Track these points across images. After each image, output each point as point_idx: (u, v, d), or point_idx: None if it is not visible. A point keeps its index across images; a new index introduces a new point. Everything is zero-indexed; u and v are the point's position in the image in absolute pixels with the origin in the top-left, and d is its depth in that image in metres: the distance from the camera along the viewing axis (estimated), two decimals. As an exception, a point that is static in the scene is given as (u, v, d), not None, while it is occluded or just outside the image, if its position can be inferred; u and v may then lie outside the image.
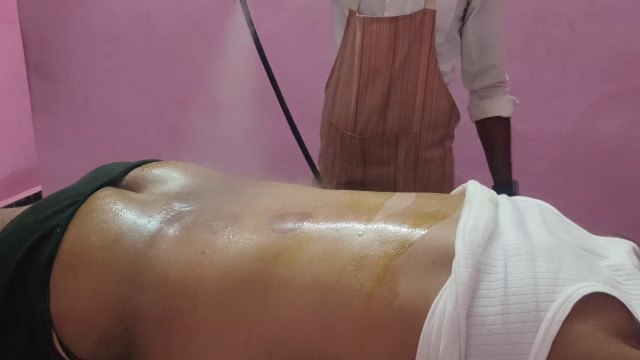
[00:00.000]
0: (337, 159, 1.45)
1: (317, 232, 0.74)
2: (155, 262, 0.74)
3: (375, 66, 1.32)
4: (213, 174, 0.98)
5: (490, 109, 1.40)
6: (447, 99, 1.35)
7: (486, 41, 1.35)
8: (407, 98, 1.32)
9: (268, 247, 0.73)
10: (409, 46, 1.29)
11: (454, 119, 1.40)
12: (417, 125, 1.34)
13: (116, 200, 0.82)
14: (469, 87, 1.43)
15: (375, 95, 1.33)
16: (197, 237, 0.76)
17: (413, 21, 1.28)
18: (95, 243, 0.76)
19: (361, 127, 1.36)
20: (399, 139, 1.36)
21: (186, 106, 2.33)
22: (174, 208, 0.83)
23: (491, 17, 1.33)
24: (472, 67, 1.38)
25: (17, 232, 0.79)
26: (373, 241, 0.71)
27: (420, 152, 1.37)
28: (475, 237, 0.67)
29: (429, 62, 1.30)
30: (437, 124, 1.37)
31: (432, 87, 1.32)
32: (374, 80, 1.32)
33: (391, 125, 1.35)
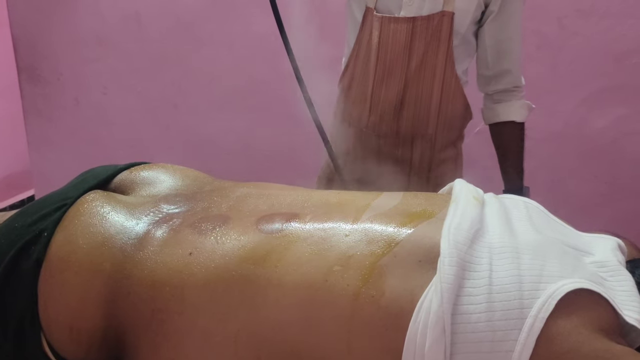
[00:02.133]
0: (351, 155, 1.44)
1: (304, 232, 0.74)
2: (143, 265, 0.74)
3: (391, 66, 1.32)
4: (202, 176, 0.98)
5: (504, 113, 1.38)
6: (463, 100, 1.35)
7: (503, 45, 1.33)
8: (423, 99, 1.32)
9: (256, 247, 0.73)
10: (425, 48, 1.29)
11: (467, 119, 1.40)
12: (433, 127, 1.34)
13: (104, 203, 0.82)
14: (484, 91, 1.41)
15: (390, 94, 1.33)
16: (185, 239, 0.76)
17: (431, 22, 1.28)
18: (82, 246, 0.76)
19: (375, 124, 1.36)
20: (414, 140, 1.36)
21: (178, 107, 2.33)
22: (162, 210, 0.83)
23: (509, 21, 1.31)
24: (488, 71, 1.37)
25: (4, 237, 0.79)
26: (359, 241, 0.71)
27: (435, 154, 1.37)
28: (460, 235, 0.67)
29: (446, 64, 1.30)
30: (452, 126, 1.37)
31: (449, 89, 1.32)
32: (389, 79, 1.32)
33: (406, 126, 1.35)
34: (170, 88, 2.32)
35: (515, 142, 1.39)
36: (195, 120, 2.30)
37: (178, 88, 2.31)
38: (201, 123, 2.29)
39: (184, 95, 2.31)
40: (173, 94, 2.32)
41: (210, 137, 2.28)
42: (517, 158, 1.39)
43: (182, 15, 2.24)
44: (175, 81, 2.31)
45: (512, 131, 1.38)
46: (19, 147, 3.05)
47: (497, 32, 1.32)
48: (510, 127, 1.38)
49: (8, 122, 3.32)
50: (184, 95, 2.31)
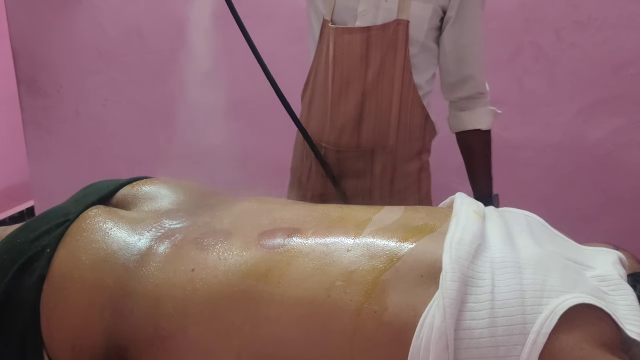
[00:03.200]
0: (313, 171, 1.43)
1: (306, 247, 0.74)
2: (146, 281, 0.74)
3: (348, 77, 1.30)
4: (203, 190, 0.98)
5: (469, 121, 1.38)
6: (421, 110, 1.34)
7: (463, 51, 1.33)
8: (382, 110, 1.31)
9: (258, 263, 0.73)
10: (382, 57, 1.28)
11: (428, 131, 1.38)
12: (394, 138, 1.33)
13: (106, 218, 0.82)
14: (448, 98, 1.41)
15: (348, 106, 1.31)
16: (187, 255, 0.76)
17: (386, 32, 1.27)
18: (85, 263, 0.76)
19: (335, 138, 1.35)
20: (374, 152, 1.34)
21: (177, 120, 2.33)
22: (164, 225, 0.83)
23: (467, 26, 1.31)
24: (450, 78, 1.36)
25: (7, 252, 0.79)
26: (361, 256, 0.71)
27: (397, 165, 1.36)
28: (462, 250, 0.67)
29: (404, 73, 1.29)
30: (412, 137, 1.35)
31: (407, 99, 1.31)
32: (347, 91, 1.31)
33: (366, 138, 1.33)
34: (170, 100, 2.32)
35: (482, 149, 1.38)
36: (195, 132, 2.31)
37: (178, 100, 2.32)
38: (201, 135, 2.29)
39: (184, 107, 2.31)
40: (173, 106, 2.32)
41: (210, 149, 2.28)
42: (484, 165, 1.39)
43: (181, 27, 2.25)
44: (175, 93, 2.31)
45: (478, 139, 1.38)
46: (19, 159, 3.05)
47: (456, 37, 1.31)
48: (477, 134, 1.38)
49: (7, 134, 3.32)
50: (183, 108, 2.31)
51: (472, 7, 1.30)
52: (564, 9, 1.92)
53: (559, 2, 1.92)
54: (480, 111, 1.37)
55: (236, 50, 2.30)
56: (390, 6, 1.27)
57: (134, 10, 2.32)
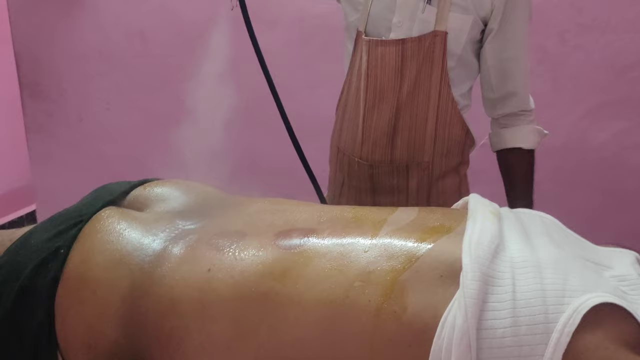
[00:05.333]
0: (346, 186, 1.38)
1: (323, 248, 0.74)
2: (161, 282, 0.74)
3: (382, 90, 1.26)
4: (215, 191, 0.98)
5: (511, 139, 1.30)
6: (461, 126, 1.28)
7: (506, 66, 1.26)
8: (417, 125, 1.26)
9: (274, 263, 0.73)
10: (417, 70, 1.23)
11: (468, 145, 1.32)
12: (429, 153, 1.27)
13: (120, 219, 0.82)
14: (490, 115, 1.34)
15: (381, 120, 1.27)
16: (203, 255, 0.76)
17: (422, 44, 1.22)
18: (100, 264, 0.76)
19: (367, 153, 1.30)
20: (409, 168, 1.28)
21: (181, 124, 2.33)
22: (178, 226, 0.83)
23: (511, 39, 1.24)
24: (492, 94, 1.29)
25: (21, 253, 0.79)
26: (379, 256, 0.71)
27: (434, 181, 1.30)
28: (481, 250, 0.67)
29: (441, 87, 1.23)
30: (450, 152, 1.29)
31: (445, 113, 1.25)
32: (380, 105, 1.26)
33: (400, 153, 1.28)
34: (174, 104, 2.32)
35: (523, 170, 1.30)
36: (199, 136, 2.31)
37: (181, 104, 2.32)
38: (205, 139, 2.29)
39: (187, 111, 2.31)
40: (176, 110, 2.32)
41: (214, 153, 2.28)
42: (525, 188, 1.31)
43: (185, 31, 2.25)
44: (179, 97, 2.31)
45: (520, 158, 1.30)
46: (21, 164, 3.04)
47: (498, 51, 1.25)
48: (518, 154, 1.30)
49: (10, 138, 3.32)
50: (187, 112, 2.31)
51: (516, 19, 1.23)
52: (568, 11, 1.93)
53: (563, 4, 1.93)
54: (524, 129, 1.30)
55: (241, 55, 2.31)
56: (427, 17, 1.22)
57: (137, 13, 2.32)
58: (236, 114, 2.24)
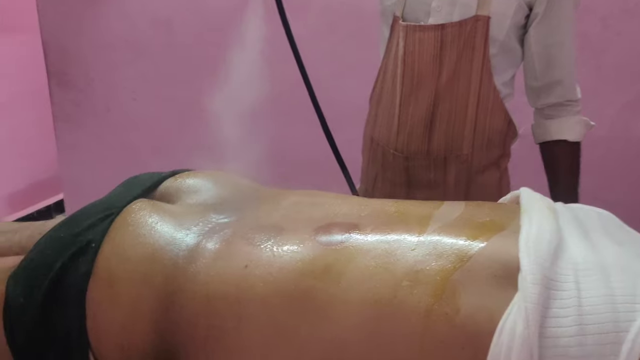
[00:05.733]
0: (379, 179, 1.33)
1: (366, 244, 0.70)
2: (196, 278, 0.70)
3: (419, 78, 1.20)
4: (248, 183, 0.94)
5: (555, 131, 1.23)
6: (503, 115, 1.21)
7: (552, 52, 1.19)
8: (457, 115, 1.19)
9: (315, 260, 0.69)
10: (457, 57, 1.17)
11: (510, 136, 1.26)
12: (469, 145, 1.21)
13: (151, 212, 0.78)
14: (533, 105, 1.27)
15: (418, 109, 1.21)
16: (239, 251, 0.72)
17: (463, 29, 1.16)
18: (132, 258, 0.72)
19: (403, 144, 1.24)
20: (447, 160, 1.22)
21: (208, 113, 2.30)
22: (211, 220, 0.79)
23: (558, 24, 1.17)
24: (536, 82, 1.22)
25: (50, 247, 0.76)
26: (428, 255, 0.66)
27: (473, 175, 1.23)
28: (540, 250, 0.62)
29: (482, 75, 1.17)
30: (491, 144, 1.22)
31: (486, 102, 1.19)
32: (417, 93, 1.20)
33: (437, 145, 1.22)
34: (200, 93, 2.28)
35: (568, 163, 1.23)
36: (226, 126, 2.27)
37: (209, 94, 2.28)
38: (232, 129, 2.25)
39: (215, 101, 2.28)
40: (204, 100, 2.29)
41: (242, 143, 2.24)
42: (570, 182, 1.23)
43: (213, 19, 2.22)
44: (205, 87, 2.27)
45: (564, 151, 1.22)
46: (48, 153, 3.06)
47: (544, 37, 1.18)
48: (563, 146, 1.22)
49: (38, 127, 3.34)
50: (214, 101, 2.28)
51: (563, 3, 1.17)
52: (611, -3, 1.84)
53: (606, -12, 1.85)
54: (569, 120, 1.22)
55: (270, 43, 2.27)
56: (468, 1, 1.16)
57: (163, 1, 2.29)
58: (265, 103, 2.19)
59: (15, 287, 0.74)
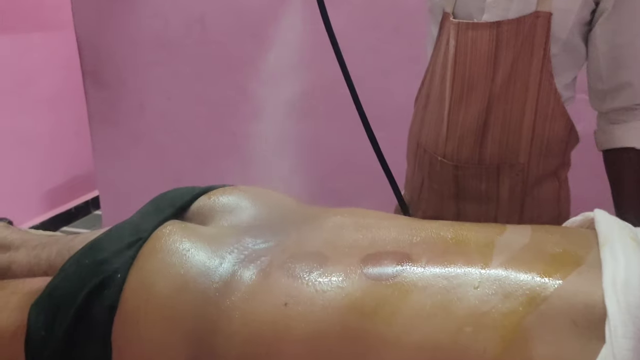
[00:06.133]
0: (425, 188, 1.23)
1: (421, 280, 0.61)
2: (231, 315, 0.63)
3: (471, 80, 1.10)
4: (286, 200, 0.86)
5: (622, 138, 1.11)
6: (565, 121, 1.10)
7: (620, 52, 1.07)
8: (512, 120, 1.09)
9: (364, 297, 0.61)
10: (514, 58, 1.07)
11: (571, 144, 1.15)
12: (525, 154, 1.10)
13: (182, 238, 0.72)
14: (597, 108, 1.16)
15: (470, 114, 1.11)
16: (277, 284, 0.65)
17: (521, 27, 1.06)
18: (161, 291, 0.66)
19: (452, 151, 1.14)
20: (500, 170, 1.12)
21: (244, 113, 2.24)
22: (247, 245, 0.72)
23: (627, 22, 1.06)
24: (602, 84, 1.11)
25: (74, 275, 0.70)
26: (493, 294, 0.58)
27: (529, 187, 1.13)
28: (631, 295, 0.53)
29: (542, 77, 1.07)
30: (550, 152, 1.12)
31: (546, 107, 1.08)
32: (469, 97, 1.11)
33: (490, 153, 1.12)
34: (236, 93, 2.23)
35: (637, 174, 1.11)
36: (262, 126, 2.21)
37: (244, 93, 2.22)
38: (268, 129, 2.19)
39: (250, 100, 2.22)
40: (239, 99, 2.23)
41: (279, 143, 2.18)
42: (637, 194, 1.11)
43: (247, 16, 2.15)
44: (241, 86, 2.22)
45: (633, 160, 1.11)
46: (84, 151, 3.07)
47: (612, 35, 1.07)
48: (631, 154, 1.11)
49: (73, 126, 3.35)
50: (249, 101, 2.22)
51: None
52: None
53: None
54: (637, 126, 1.10)
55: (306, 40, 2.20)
56: None
57: None
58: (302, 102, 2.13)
59: (37, 318, 0.69)
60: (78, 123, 3.22)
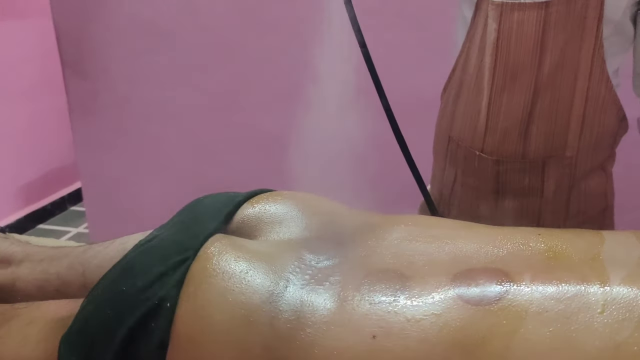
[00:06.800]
0: (459, 184, 1.15)
1: (532, 303, 0.53)
2: (308, 351, 0.54)
3: (515, 68, 1.02)
4: (335, 206, 0.77)
5: None
6: (616, 111, 1.03)
7: None
8: (560, 111, 1.02)
9: (466, 329, 0.52)
10: (564, 42, 0.99)
11: (620, 134, 1.08)
12: (573, 147, 1.04)
13: (237, 257, 0.61)
14: None
15: (514, 105, 1.03)
16: (359, 312, 0.55)
17: (572, 8, 0.98)
18: (221, 323, 0.56)
19: (494, 145, 1.07)
20: (546, 164, 1.05)
21: (241, 103, 2.12)
22: (309, 263, 0.63)
23: None
24: None
25: (111, 306, 0.59)
26: (624, 320, 0.50)
27: (575, 182, 1.06)
28: None
29: (593, 63, 0.99)
30: (599, 144, 1.05)
31: (596, 96, 1.01)
32: (513, 86, 1.02)
33: (535, 146, 1.04)
34: (232, 81, 2.10)
35: None
36: (262, 116, 2.09)
37: (241, 81, 2.10)
38: (269, 120, 2.07)
39: (248, 89, 2.10)
40: (235, 88, 2.11)
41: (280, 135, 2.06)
42: None
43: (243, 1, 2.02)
44: (238, 74, 2.09)
45: None
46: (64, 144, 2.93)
47: None
48: None
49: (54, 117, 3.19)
50: (248, 90, 2.10)
51: None
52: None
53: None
54: None
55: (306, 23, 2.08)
56: None
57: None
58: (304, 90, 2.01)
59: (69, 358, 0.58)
60: (57, 115, 3.06)
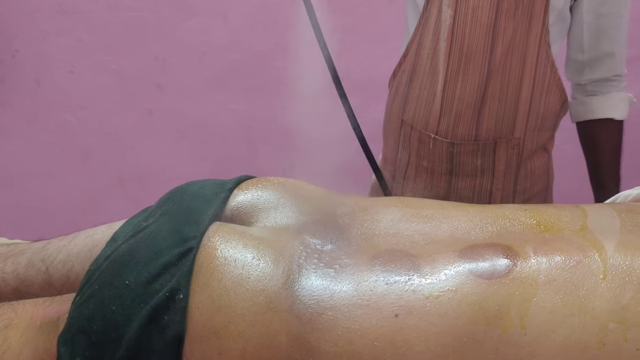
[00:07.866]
0: (412, 167, 1.19)
1: (540, 274, 0.56)
2: (333, 334, 0.54)
3: (470, 52, 1.06)
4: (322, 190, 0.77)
5: (601, 109, 1.13)
6: (559, 93, 1.10)
7: (604, 22, 1.08)
8: (510, 94, 1.07)
9: (483, 302, 0.54)
10: (514, 28, 1.04)
11: (561, 116, 1.15)
12: (522, 128, 1.10)
13: (245, 244, 0.60)
14: (575, 80, 1.17)
15: (467, 89, 1.08)
16: (376, 293, 0.56)
17: None
18: (242, 312, 0.54)
19: (448, 128, 1.11)
20: (497, 145, 1.11)
21: (162, 88, 2.04)
22: (314, 247, 0.62)
23: None
24: (582, 55, 1.12)
25: (115, 301, 0.56)
26: (626, 284, 0.54)
27: (522, 161, 1.13)
28: None
29: (540, 48, 1.05)
30: (544, 126, 1.12)
31: (543, 79, 1.07)
32: (467, 70, 1.07)
33: (487, 128, 1.09)
34: (153, 65, 2.02)
35: (613, 143, 1.14)
36: (184, 102, 2.03)
37: (162, 65, 2.02)
38: (191, 105, 2.02)
39: (169, 73, 2.02)
40: (156, 72, 2.02)
41: (202, 121, 2.01)
42: (614, 165, 1.14)
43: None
44: (159, 57, 2.01)
45: (609, 131, 1.13)
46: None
47: (597, 4, 1.08)
48: (607, 126, 1.13)
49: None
50: (169, 74, 2.02)
51: None
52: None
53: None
54: (615, 97, 1.12)
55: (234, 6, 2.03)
56: None
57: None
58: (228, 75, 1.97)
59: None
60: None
